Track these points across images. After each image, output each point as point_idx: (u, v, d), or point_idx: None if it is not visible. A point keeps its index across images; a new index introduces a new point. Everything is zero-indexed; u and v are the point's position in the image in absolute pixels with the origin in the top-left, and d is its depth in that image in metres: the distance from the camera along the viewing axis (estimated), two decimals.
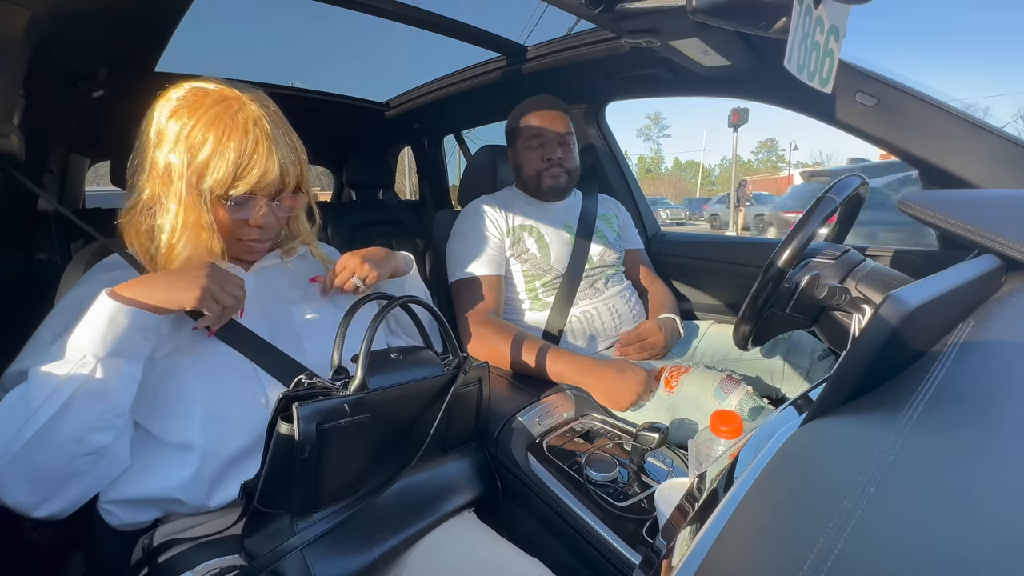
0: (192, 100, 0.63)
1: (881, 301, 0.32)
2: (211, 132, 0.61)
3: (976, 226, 0.53)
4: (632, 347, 1.08)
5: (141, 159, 0.65)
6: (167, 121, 0.62)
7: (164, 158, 0.62)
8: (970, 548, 0.19)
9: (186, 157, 0.61)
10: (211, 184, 0.62)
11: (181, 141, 0.61)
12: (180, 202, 0.62)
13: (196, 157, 0.61)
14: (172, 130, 0.62)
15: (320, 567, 0.54)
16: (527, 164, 1.21)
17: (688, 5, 0.66)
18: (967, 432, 0.27)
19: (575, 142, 1.23)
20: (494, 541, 0.66)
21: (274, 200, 0.68)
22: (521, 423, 0.82)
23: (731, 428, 0.56)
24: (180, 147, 0.61)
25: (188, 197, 0.62)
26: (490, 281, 1.11)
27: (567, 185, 1.21)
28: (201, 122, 0.62)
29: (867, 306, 0.73)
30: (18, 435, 0.51)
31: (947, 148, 0.88)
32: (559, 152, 1.18)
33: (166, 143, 0.62)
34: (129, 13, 0.79)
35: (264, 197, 0.67)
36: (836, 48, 0.77)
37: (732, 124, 14.42)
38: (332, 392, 0.55)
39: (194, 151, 0.61)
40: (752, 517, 0.28)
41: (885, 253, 1.08)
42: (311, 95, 1.65)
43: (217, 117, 0.62)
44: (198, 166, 0.62)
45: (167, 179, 0.63)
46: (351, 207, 1.87)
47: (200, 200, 0.63)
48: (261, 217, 0.67)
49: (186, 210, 0.63)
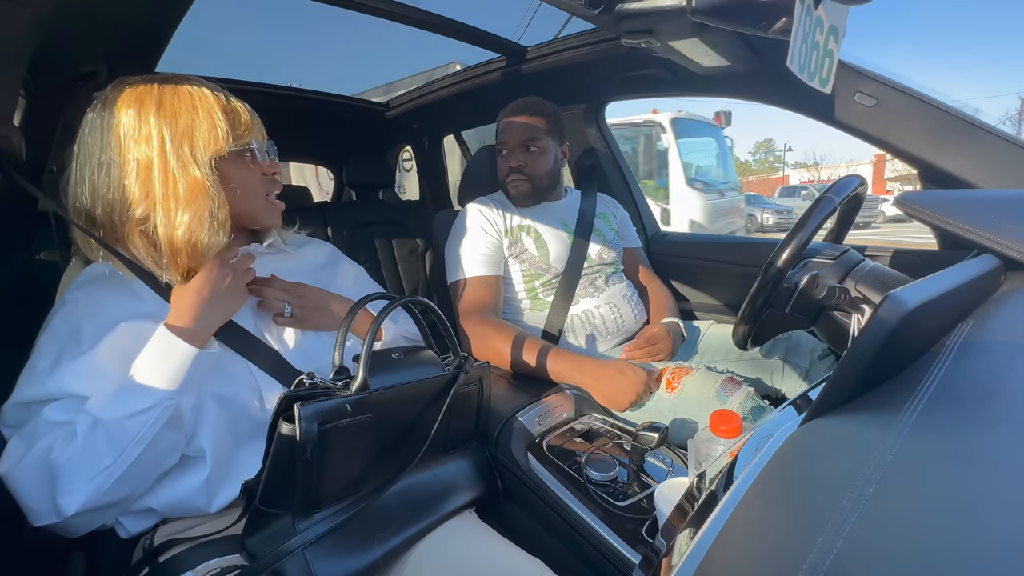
0: (131, 91, 0.61)
1: (880, 301, 0.33)
2: (179, 101, 0.61)
3: (975, 226, 0.53)
4: (641, 352, 1.08)
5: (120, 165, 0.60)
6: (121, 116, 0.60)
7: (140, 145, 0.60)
8: (969, 548, 0.19)
9: (168, 129, 0.60)
10: (214, 144, 0.62)
11: (152, 117, 0.60)
12: (168, 174, 0.60)
13: (178, 124, 0.60)
14: (131, 117, 0.60)
15: (321, 567, 0.54)
16: (498, 172, 1.23)
17: (687, 6, 0.66)
18: (966, 432, 0.27)
19: (549, 146, 1.19)
20: (494, 541, 0.66)
21: None
22: (521, 423, 0.82)
23: (731, 428, 0.56)
24: (153, 125, 0.60)
25: (178, 166, 0.60)
26: (489, 281, 1.12)
27: (530, 192, 1.19)
28: (164, 98, 0.61)
29: (866, 306, 0.73)
30: (106, 472, 0.53)
31: (946, 148, 0.88)
32: (517, 159, 1.16)
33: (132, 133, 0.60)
34: (130, 13, 0.79)
35: (264, 140, 0.69)
36: (836, 48, 0.78)
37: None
38: (333, 392, 0.55)
39: (174, 119, 0.60)
40: (751, 517, 0.28)
41: (884, 253, 1.08)
42: (311, 96, 1.65)
43: (172, 91, 0.62)
44: (184, 133, 0.60)
45: (148, 166, 0.60)
46: (351, 207, 1.87)
47: (195, 166, 0.61)
48: (273, 159, 0.70)
49: (174, 179, 0.60)
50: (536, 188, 1.19)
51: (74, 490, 0.52)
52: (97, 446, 0.52)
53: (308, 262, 0.82)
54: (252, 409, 0.64)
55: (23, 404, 0.57)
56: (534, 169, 1.17)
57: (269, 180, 0.71)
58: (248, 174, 0.67)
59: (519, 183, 1.18)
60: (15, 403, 0.57)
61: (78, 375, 0.56)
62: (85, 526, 0.56)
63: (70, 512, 0.52)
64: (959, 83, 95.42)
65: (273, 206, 0.72)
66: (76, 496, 0.52)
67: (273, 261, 0.76)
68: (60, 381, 0.55)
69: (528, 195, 1.19)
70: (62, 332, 0.59)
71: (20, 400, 0.57)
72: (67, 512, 0.52)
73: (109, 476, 0.53)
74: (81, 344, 0.58)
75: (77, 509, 0.52)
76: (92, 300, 0.61)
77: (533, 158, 1.17)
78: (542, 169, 1.18)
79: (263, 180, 0.70)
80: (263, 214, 0.71)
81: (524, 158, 1.17)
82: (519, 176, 1.18)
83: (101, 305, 0.61)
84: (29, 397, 0.56)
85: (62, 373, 0.56)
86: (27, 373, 0.58)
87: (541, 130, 1.17)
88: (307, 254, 0.83)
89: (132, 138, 0.60)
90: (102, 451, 0.52)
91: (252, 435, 0.64)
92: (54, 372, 0.56)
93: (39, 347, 0.59)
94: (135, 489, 0.57)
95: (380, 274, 1.69)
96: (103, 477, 0.52)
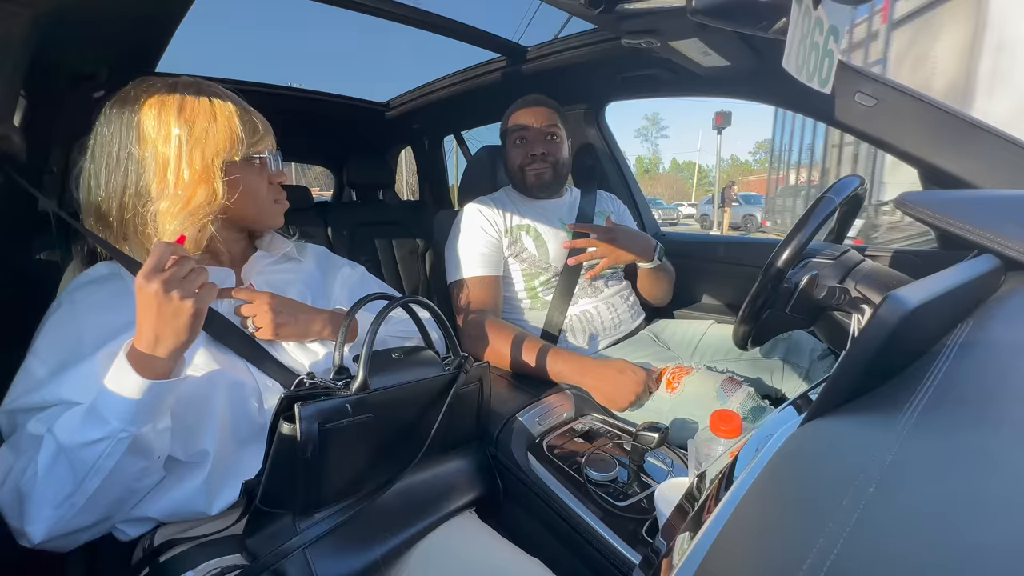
0: (153, 90, 0.62)
1: (880, 301, 0.32)
2: (198, 106, 0.62)
3: (975, 226, 0.53)
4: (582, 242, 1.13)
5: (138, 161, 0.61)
6: (142, 114, 0.61)
7: (159, 144, 0.60)
8: (969, 548, 0.19)
9: (185, 132, 0.61)
10: (229, 150, 0.63)
11: (173, 119, 0.61)
12: (181, 174, 0.61)
13: (196, 127, 0.61)
14: (152, 117, 0.61)
15: (321, 566, 0.54)
16: (511, 161, 1.22)
17: (688, 6, 0.66)
18: (966, 432, 0.27)
19: (564, 137, 1.22)
20: (494, 541, 0.66)
21: None
22: (521, 423, 0.82)
23: (731, 428, 0.56)
24: (172, 126, 0.61)
25: (190, 168, 0.61)
26: (488, 281, 1.12)
27: (552, 179, 1.20)
28: (185, 102, 0.62)
29: (866, 306, 0.73)
30: (69, 502, 0.50)
31: (946, 148, 0.88)
32: (541, 147, 1.18)
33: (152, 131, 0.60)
34: (130, 14, 0.79)
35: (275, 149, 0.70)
36: (835, 48, 0.78)
37: (716, 127, 14.43)
38: (334, 392, 0.55)
39: (192, 123, 0.61)
40: (752, 517, 0.28)
41: (884, 253, 1.08)
42: (311, 96, 1.64)
43: (194, 95, 0.63)
44: (200, 136, 0.62)
45: (164, 164, 0.61)
46: (351, 207, 1.87)
47: (209, 170, 0.62)
48: (280, 168, 0.71)
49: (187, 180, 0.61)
50: (556, 176, 1.21)
51: (41, 517, 0.50)
52: (58, 473, 0.50)
53: (303, 268, 0.82)
54: (251, 410, 0.64)
55: (14, 411, 0.55)
56: (556, 156, 1.20)
57: (276, 187, 0.73)
58: (258, 180, 0.69)
59: (543, 171, 1.19)
60: (8, 410, 0.55)
61: (74, 382, 0.54)
62: (66, 546, 0.54)
63: (36, 540, 0.51)
64: None
65: (277, 208, 0.74)
66: (42, 524, 0.50)
67: (272, 274, 0.76)
68: (59, 389, 0.54)
69: (548, 183, 1.20)
70: (63, 338, 0.58)
71: (13, 407, 0.55)
72: (34, 540, 0.50)
73: (72, 506, 0.50)
74: (77, 348, 0.57)
75: (43, 538, 0.51)
76: (94, 304, 0.61)
77: (555, 146, 1.19)
78: (562, 157, 1.21)
79: (271, 187, 0.72)
80: (269, 216, 0.73)
81: (546, 146, 1.18)
82: (543, 164, 1.18)
83: (103, 309, 0.60)
84: (25, 405, 0.54)
85: (61, 382, 0.54)
86: (23, 378, 0.56)
87: (558, 121, 1.20)
88: (303, 260, 0.83)
89: (151, 136, 0.61)
90: (64, 478, 0.50)
91: (253, 437, 0.64)
92: (52, 381, 0.54)
93: (36, 351, 0.57)
94: (109, 514, 0.55)
95: (380, 274, 1.69)
96: (66, 507, 0.50)
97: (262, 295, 0.69)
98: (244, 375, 0.65)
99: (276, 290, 0.72)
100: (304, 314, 0.71)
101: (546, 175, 1.19)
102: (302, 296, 0.75)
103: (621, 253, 1.14)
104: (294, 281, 0.78)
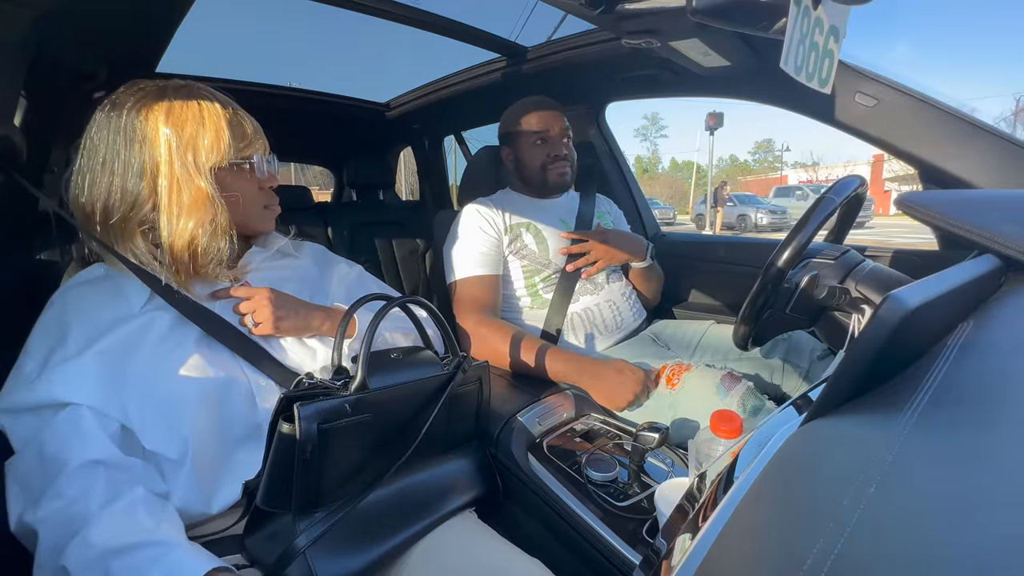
0: (142, 94, 0.62)
1: (881, 301, 0.32)
2: (187, 110, 0.62)
3: (976, 226, 0.53)
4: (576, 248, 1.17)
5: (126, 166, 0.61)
6: (130, 119, 0.61)
7: (147, 149, 0.61)
8: (970, 548, 0.19)
9: (174, 137, 0.61)
10: (216, 155, 0.63)
11: (161, 124, 0.61)
12: (173, 180, 0.61)
13: (184, 132, 0.61)
14: (140, 122, 0.61)
15: (321, 566, 0.54)
16: (532, 161, 1.23)
17: (688, 6, 0.66)
18: (967, 432, 0.27)
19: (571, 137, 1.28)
20: (494, 541, 0.66)
21: None
22: (521, 423, 0.83)
23: (731, 428, 0.56)
24: (161, 131, 0.61)
25: (183, 173, 0.61)
26: (488, 280, 1.12)
27: (571, 179, 1.27)
28: (174, 106, 0.62)
29: (867, 306, 0.73)
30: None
31: (946, 148, 0.88)
32: (563, 149, 1.22)
33: (140, 136, 0.61)
34: (130, 14, 0.79)
35: (266, 153, 0.70)
36: (836, 49, 0.78)
37: (708, 127, 14.49)
38: (333, 392, 0.55)
39: (180, 127, 0.61)
40: (752, 517, 0.28)
41: (885, 253, 1.08)
42: (311, 96, 1.64)
43: (183, 99, 0.63)
44: (188, 141, 0.62)
45: (154, 170, 0.61)
46: (351, 207, 1.87)
47: (198, 175, 0.62)
48: (272, 172, 0.70)
49: (179, 186, 0.61)
50: (573, 175, 1.28)
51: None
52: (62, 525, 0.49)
53: (300, 265, 0.81)
54: (244, 409, 0.64)
55: (6, 411, 0.55)
56: (573, 156, 1.27)
57: (266, 192, 0.72)
58: (247, 185, 0.69)
59: (565, 169, 1.24)
60: (2, 408, 0.55)
61: (65, 381, 0.54)
62: None
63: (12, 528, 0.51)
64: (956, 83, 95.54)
65: (267, 214, 0.74)
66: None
67: (269, 270, 0.76)
68: (48, 385, 0.54)
69: (568, 182, 1.27)
70: (50, 333, 0.59)
71: (9, 407, 0.55)
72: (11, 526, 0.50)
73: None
74: (67, 347, 0.57)
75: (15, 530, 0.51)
76: (84, 304, 0.61)
77: (569, 147, 1.25)
78: (575, 157, 1.28)
79: (260, 192, 0.71)
80: (258, 221, 0.73)
81: (566, 147, 1.23)
82: (566, 164, 1.24)
83: (90, 306, 0.60)
84: (16, 403, 0.55)
85: (49, 377, 0.54)
86: (14, 375, 0.57)
87: (566, 120, 1.25)
88: (300, 257, 0.83)
89: (139, 141, 0.61)
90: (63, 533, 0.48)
91: (248, 436, 0.64)
92: (41, 376, 0.55)
93: (27, 348, 0.58)
94: None
95: (380, 274, 1.69)
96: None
97: (260, 290, 0.69)
98: (236, 374, 0.64)
99: (273, 286, 0.71)
100: (303, 308, 0.71)
101: (568, 175, 1.25)
102: (299, 292, 0.75)
103: (616, 253, 1.19)
104: (291, 277, 0.77)
